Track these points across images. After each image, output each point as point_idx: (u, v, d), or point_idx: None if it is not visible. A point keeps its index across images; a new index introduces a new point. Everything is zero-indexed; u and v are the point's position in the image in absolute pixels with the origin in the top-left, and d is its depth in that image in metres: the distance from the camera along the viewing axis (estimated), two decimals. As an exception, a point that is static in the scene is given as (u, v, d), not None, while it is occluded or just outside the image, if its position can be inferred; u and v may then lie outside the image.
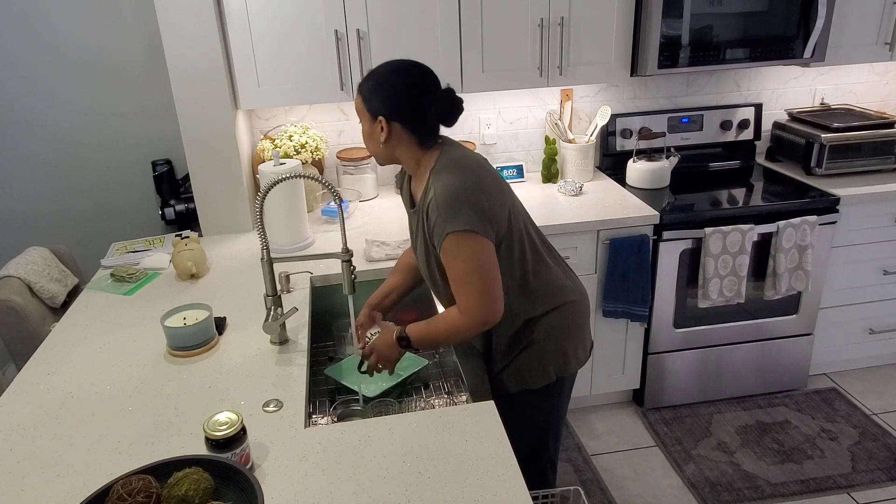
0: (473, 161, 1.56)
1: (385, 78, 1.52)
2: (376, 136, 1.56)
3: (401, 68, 1.53)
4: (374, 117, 1.54)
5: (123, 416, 1.49)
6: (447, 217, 1.45)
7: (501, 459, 1.29)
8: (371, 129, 1.56)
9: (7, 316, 2.07)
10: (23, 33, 2.76)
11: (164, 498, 1.11)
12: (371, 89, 1.53)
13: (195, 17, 2.27)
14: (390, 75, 1.52)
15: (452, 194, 1.46)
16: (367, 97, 1.54)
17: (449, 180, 1.48)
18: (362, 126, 1.59)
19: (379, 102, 1.52)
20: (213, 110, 2.39)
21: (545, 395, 1.71)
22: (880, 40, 2.75)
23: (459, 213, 1.45)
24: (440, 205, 1.47)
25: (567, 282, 1.69)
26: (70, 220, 3.06)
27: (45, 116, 2.88)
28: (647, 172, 2.79)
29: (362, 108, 1.56)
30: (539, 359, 1.66)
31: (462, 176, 1.49)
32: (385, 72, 1.53)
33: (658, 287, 2.65)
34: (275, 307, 1.71)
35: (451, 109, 1.53)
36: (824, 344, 2.95)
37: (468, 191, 1.47)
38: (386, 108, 1.52)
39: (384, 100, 1.51)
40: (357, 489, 1.23)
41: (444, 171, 1.51)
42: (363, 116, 1.56)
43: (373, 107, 1.53)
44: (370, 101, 1.53)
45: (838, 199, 2.65)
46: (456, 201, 1.46)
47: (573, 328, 1.69)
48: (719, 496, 2.40)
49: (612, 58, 2.60)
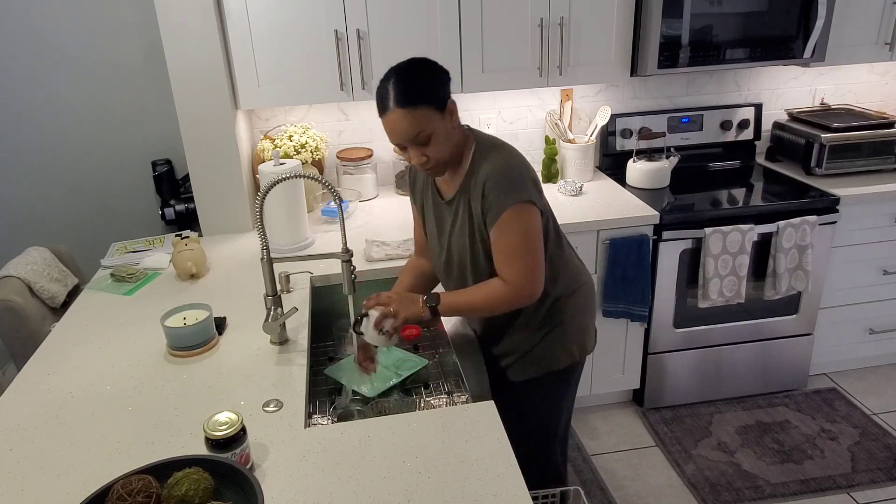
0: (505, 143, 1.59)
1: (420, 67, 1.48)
2: (449, 128, 1.50)
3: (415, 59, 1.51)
4: (444, 108, 1.47)
5: (123, 416, 1.49)
6: (509, 190, 1.47)
7: (501, 459, 1.29)
8: (446, 126, 1.49)
9: (7, 316, 2.07)
10: (23, 33, 2.76)
11: (164, 498, 1.11)
12: (425, 84, 1.46)
13: (195, 17, 2.27)
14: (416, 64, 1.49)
15: (510, 167, 1.49)
16: (428, 94, 1.45)
17: (501, 156, 1.51)
18: (434, 135, 1.47)
19: (439, 88, 1.47)
20: (213, 110, 2.39)
21: (566, 376, 1.75)
22: (880, 40, 2.75)
23: (520, 184, 1.48)
24: (499, 180, 1.48)
25: (580, 265, 1.74)
26: (70, 220, 3.06)
27: (45, 116, 2.88)
28: (647, 172, 2.79)
29: (428, 115, 1.45)
30: (563, 339, 1.69)
31: (511, 152, 1.53)
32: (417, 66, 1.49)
33: (658, 287, 2.65)
34: (275, 307, 1.71)
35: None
36: (824, 344, 2.95)
37: (522, 165, 1.52)
38: (448, 89, 1.49)
39: (442, 83, 1.48)
40: (357, 489, 1.23)
41: (491, 150, 1.53)
42: (432, 123, 1.46)
43: (438, 98, 1.46)
44: (432, 95, 1.45)
45: (838, 199, 2.65)
46: (515, 173, 1.49)
47: (590, 309, 1.75)
48: (719, 496, 2.40)
49: (612, 58, 2.60)
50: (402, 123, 1.45)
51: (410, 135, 1.45)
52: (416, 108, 1.44)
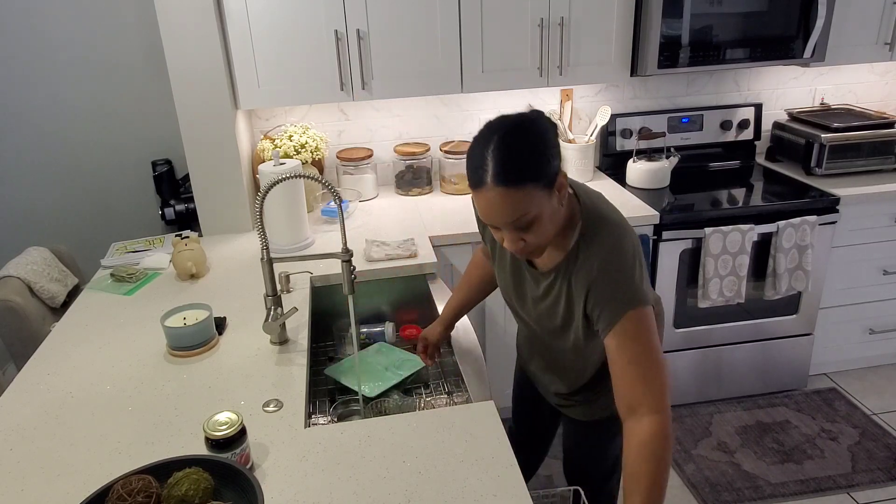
0: (608, 203, 1.35)
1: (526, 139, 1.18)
2: (557, 207, 1.24)
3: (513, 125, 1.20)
4: (551, 185, 1.20)
5: (123, 416, 1.49)
6: (624, 291, 1.25)
7: (501, 459, 1.29)
8: (553, 204, 1.22)
9: (7, 316, 2.07)
10: (23, 33, 2.76)
11: (164, 498, 1.11)
12: (528, 160, 1.17)
13: (195, 17, 2.27)
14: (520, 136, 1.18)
15: (624, 258, 1.26)
16: (533, 170, 1.17)
17: (614, 246, 1.27)
18: (541, 216, 1.21)
19: (548, 161, 1.18)
20: (213, 110, 2.39)
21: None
22: (880, 40, 2.75)
23: (635, 287, 1.25)
24: (610, 280, 1.25)
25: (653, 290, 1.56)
26: (70, 220, 3.06)
27: (45, 116, 2.89)
28: (647, 172, 2.79)
29: (534, 194, 1.17)
30: None
31: (624, 234, 1.29)
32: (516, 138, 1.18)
33: (658, 287, 2.65)
34: (275, 307, 1.71)
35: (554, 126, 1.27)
36: (824, 344, 2.95)
37: (636, 255, 1.28)
38: (558, 161, 1.21)
39: (552, 154, 1.19)
40: (357, 489, 1.23)
41: (599, 235, 1.29)
42: (539, 203, 1.19)
43: (545, 174, 1.18)
44: (538, 170, 1.17)
45: (838, 199, 2.65)
46: (626, 272, 1.25)
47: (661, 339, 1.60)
48: (719, 496, 2.40)
49: (612, 58, 2.60)
50: (502, 205, 1.17)
51: (511, 218, 1.19)
52: (521, 188, 1.16)
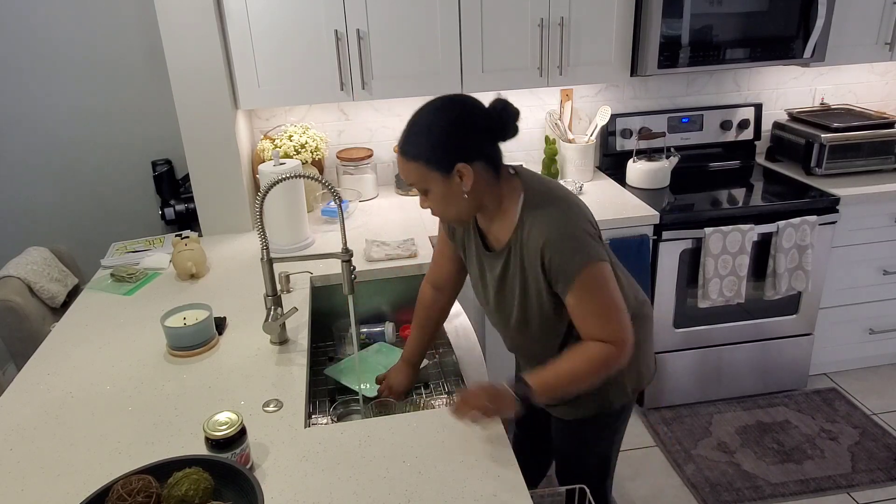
0: (559, 186, 1.47)
1: (439, 122, 1.33)
2: (456, 192, 1.35)
3: (442, 105, 1.35)
4: (447, 172, 1.32)
5: (123, 416, 1.49)
6: (573, 252, 1.35)
7: (501, 459, 1.29)
8: (447, 188, 1.35)
9: (7, 316, 2.07)
10: (23, 33, 2.76)
11: (164, 498, 1.11)
12: (431, 143, 1.32)
13: (195, 17, 2.27)
14: (438, 115, 1.34)
15: (570, 228, 1.37)
16: (430, 155, 1.32)
17: (557, 215, 1.38)
18: (431, 192, 1.36)
19: (449, 151, 1.32)
20: (213, 110, 2.39)
21: (619, 413, 1.65)
22: (880, 40, 2.75)
23: (586, 246, 1.36)
24: (560, 245, 1.35)
25: (640, 293, 1.63)
26: (70, 220, 3.06)
27: (45, 116, 2.88)
28: (647, 172, 2.79)
29: (425, 172, 1.33)
30: (619, 380, 1.57)
31: (567, 205, 1.40)
32: (431, 118, 1.34)
33: (658, 287, 2.65)
34: (275, 307, 1.71)
35: (514, 117, 1.39)
36: (824, 344, 2.95)
37: (582, 220, 1.39)
38: (461, 152, 1.32)
39: (455, 145, 1.32)
40: (357, 489, 1.23)
41: (543, 206, 1.40)
42: (429, 181, 1.34)
43: (443, 161, 1.32)
44: (436, 157, 1.32)
45: (838, 199, 2.65)
46: (574, 233, 1.36)
47: (646, 342, 1.63)
48: (719, 496, 2.40)
49: (612, 58, 2.60)
50: (402, 169, 1.38)
51: (408, 182, 1.38)
52: (412, 163, 1.34)
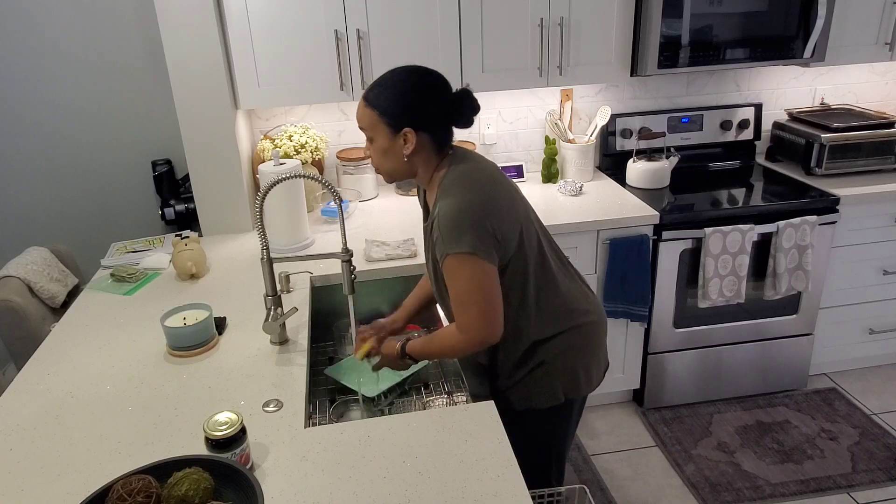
0: (484, 174, 1.48)
1: (405, 83, 1.40)
2: (397, 151, 1.44)
3: (416, 70, 1.42)
4: (396, 130, 1.41)
5: (123, 416, 1.49)
6: (448, 238, 1.39)
7: (501, 459, 1.29)
8: (390, 145, 1.43)
9: (7, 316, 2.07)
10: (23, 33, 2.76)
11: (164, 498, 1.11)
12: (392, 98, 1.40)
13: (195, 17, 2.27)
14: (407, 78, 1.41)
15: (456, 215, 1.39)
16: (386, 108, 1.40)
17: (455, 199, 1.41)
18: (375, 142, 1.45)
19: (404, 111, 1.40)
20: (213, 110, 2.39)
21: (551, 416, 1.64)
22: (880, 40, 2.75)
23: (462, 235, 1.38)
24: (443, 225, 1.40)
25: (582, 303, 1.60)
26: (70, 220, 3.06)
27: (45, 116, 2.88)
28: (647, 172, 2.79)
29: (377, 122, 1.42)
30: (547, 379, 1.59)
31: (469, 194, 1.42)
32: (401, 77, 1.41)
33: (658, 287, 2.65)
34: (275, 307, 1.71)
35: (473, 109, 1.46)
36: (824, 344, 2.95)
37: (474, 211, 1.40)
38: (414, 117, 1.40)
39: (411, 108, 1.40)
40: (357, 489, 1.23)
41: (452, 187, 1.43)
42: (377, 131, 1.43)
43: (395, 118, 1.40)
44: (391, 111, 1.40)
45: (838, 199, 2.65)
46: (459, 222, 1.39)
47: (586, 349, 1.61)
48: (719, 496, 2.40)
49: (612, 58, 2.60)
50: (358, 109, 1.47)
51: (359, 123, 1.47)
52: (369, 109, 1.43)
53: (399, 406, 1.68)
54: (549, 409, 1.62)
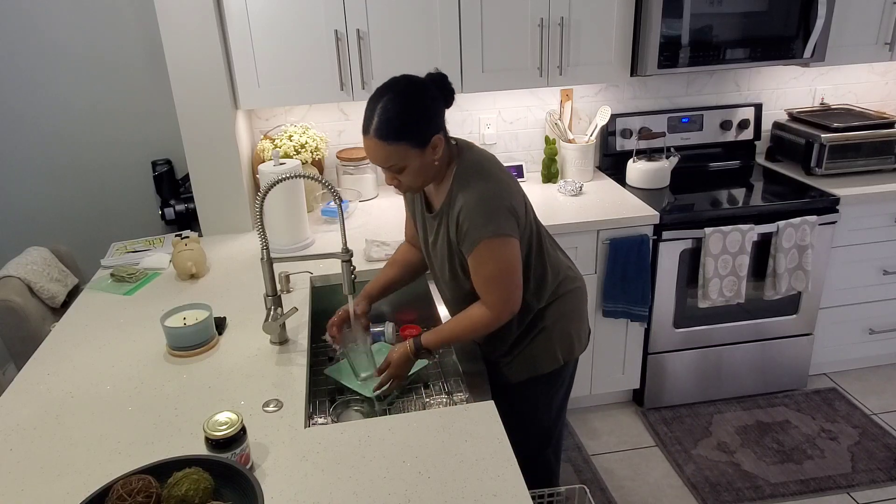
0: (492, 162, 1.58)
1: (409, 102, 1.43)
2: (430, 161, 1.48)
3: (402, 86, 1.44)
4: (424, 145, 1.45)
5: (123, 416, 1.49)
6: (481, 224, 1.47)
7: (501, 459, 1.29)
8: (423, 161, 1.47)
9: (7, 316, 2.07)
10: (23, 33, 2.76)
11: (164, 498, 1.11)
12: (410, 122, 1.42)
13: (195, 17, 2.27)
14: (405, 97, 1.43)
15: (485, 201, 1.48)
16: (408, 133, 1.43)
17: (478, 187, 1.49)
18: (408, 168, 1.47)
19: (423, 126, 1.44)
20: (213, 110, 2.39)
21: (553, 379, 1.76)
22: (880, 40, 2.75)
23: (492, 218, 1.47)
24: (473, 213, 1.47)
25: (570, 270, 1.74)
26: (70, 220, 3.06)
27: (45, 116, 2.88)
28: (647, 172, 2.79)
29: (406, 152, 1.44)
30: (547, 345, 1.70)
31: (489, 181, 1.51)
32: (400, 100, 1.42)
33: (658, 287, 2.65)
34: (275, 307, 1.71)
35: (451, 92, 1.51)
36: (824, 344, 2.95)
37: (496, 196, 1.49)
38: (430, 125, 1.45)
39: (427, 119, 1.45)
40: (357, 489, 1.23)
41: (470, 177, 1.51)
42: (408, 159, 1.45)
43: (421, 137, 1.44)
44: (417, 136, 1.43)
45: (838, 199, 2.65)
46: (489, 207, 1.48)
47: (577, 313, 1.74)
48: (719, 496, 2.40)
49: (612, 58, 2.60)
50: (377, 152, 1.46)
51: (384, 165, 1.48)
52: (394, 145, 1.43)
53: (399, 406, 1.68)
54: (551, 373, 1.74)
